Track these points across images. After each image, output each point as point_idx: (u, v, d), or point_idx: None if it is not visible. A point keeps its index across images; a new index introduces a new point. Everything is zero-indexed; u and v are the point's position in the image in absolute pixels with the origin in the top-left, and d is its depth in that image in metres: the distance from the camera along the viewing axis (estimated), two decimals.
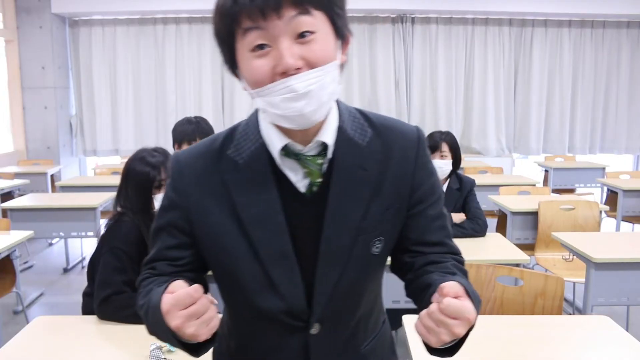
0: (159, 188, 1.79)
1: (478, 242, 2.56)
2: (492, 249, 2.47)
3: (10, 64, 6.22)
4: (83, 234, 3.66)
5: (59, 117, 6.35)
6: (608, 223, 4.84)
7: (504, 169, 5.43)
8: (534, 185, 4.18)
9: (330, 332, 0.90)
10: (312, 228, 0.85)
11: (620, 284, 2.34)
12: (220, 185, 0.85)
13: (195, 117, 2.62)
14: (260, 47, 0.74)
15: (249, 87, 0.79)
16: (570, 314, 3.28)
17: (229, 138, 0.89)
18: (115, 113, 6.57)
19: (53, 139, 6.33)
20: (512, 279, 1.96)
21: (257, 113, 0.88)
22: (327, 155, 0.85)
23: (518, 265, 2.18)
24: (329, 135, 0.84)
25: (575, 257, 2.51)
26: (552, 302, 1.79)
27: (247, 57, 0.76)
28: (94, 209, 3.56)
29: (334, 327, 0.90)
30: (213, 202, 0.86)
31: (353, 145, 0.86)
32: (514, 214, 3.35)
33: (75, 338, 1.52)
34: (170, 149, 2.58)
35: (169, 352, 1.40)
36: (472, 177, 2.93)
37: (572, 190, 5.46)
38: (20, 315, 3.28)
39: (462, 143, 5.74)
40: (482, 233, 2.62)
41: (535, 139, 6.72)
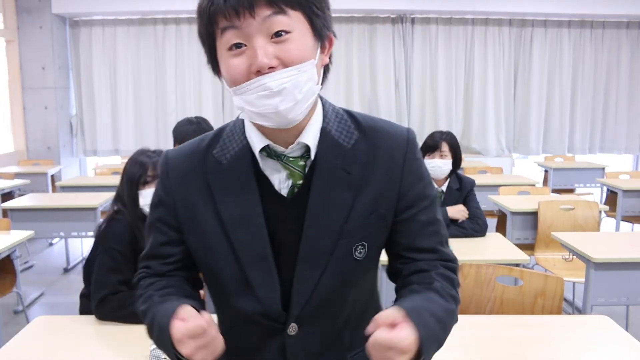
0: (145, 185, 1.81)
1: (478, 242, 2.57)
2: (492, 249, 2.47)
3: (11, 64, 6.22)
4: (83, 234, 3.67)
5: (59, 117, 6.35)
6: (608, 223, 4.84)
7: (504, 169, 5.44)
8: (534, 185, 4.18)
9: (309, 334, 0.89)
10: (293, 230, 0.85)
11: (620, 284, 2.34)
12: (205, 185, 0.86)
13: (196, 117, 2.61)
14: (237, 46, 0.76)
15: (228, 85, 0.80)
16: (570, 314, 3.28)
17: (216, 138, 0.90)
18: (116, 113, 6.57)
19: (53, 139, 6.33)
20: (512, 279, 1.97)
21: None
22: (309, 157, 0.85)
23: (518, 265, 2.18)
24: (311, 137, 0.84)
25: (575, 257, 2.51)
26: (552, 302, 1.79)
27: (224, 56, 0.78)
28: (94, 209, 3.57)
29: (313, 330, 0.89)
30: (198, 201, 0.87)
31: (337, 147, 0.85)
32: (514, 214, 3.35)
33: (76, 338, 1.52)
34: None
35: None
36: (472, 177, 2.93)
37: (571, 190, 5.46)
38: (21, 315, 3.29)
39: (462, 143, 5.72)
40: (482, 233, 2.62)
41: (535, 139, 6.72)
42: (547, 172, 5.56)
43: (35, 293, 3.73)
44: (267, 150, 0.84)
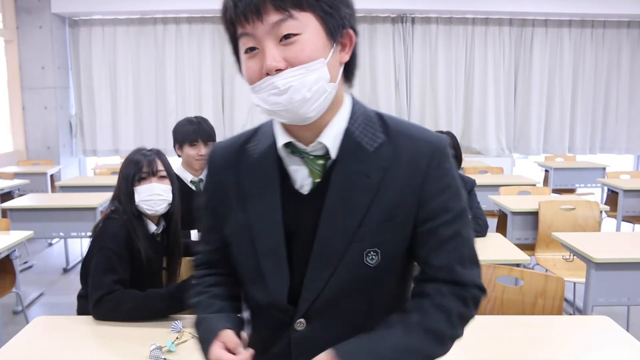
0: (140, 181, 1.81)
1: (478, 242, 2.51)
2: (492, 249, 2.47)
3: (10, 64, 6.22)
4: (83, 234, 3.67)
5: (59, 117, 6.34)
6: (608, 223, 4.84)
7: (504, 169, 5.43)
8: (534, 185, 4.17)
9: (317, 332, 0.89)
10: (309, 227, 0.86)
11: (621, 284, 2.34)
12: (237, 177, 0.92)
13: (196, 117, 2.61)
14: (251, 49, 0.82)
15: (248, 84, 0.86)
16: (571, 314, 3.28)
17: (254, 133, 0.96)
18: (115, 113, 6.56)
19: (53, 139, 6.32)
20: (512, 279, 1.96)
21: None
22: (330, 157, 0.86)
23: (518, 265, 2.18)
24: (330, 137, 0.86)
25: (576, 257, 2.51)
26: (552, 302, 1.79)
27: (242, 58, 0.85)
28: (94, 209, 3.56)
29: (322, 328, 0.89)
30: (231, 191, 0.93)
31: (359, 149, 0.85)
32: (514, 214, 3.35)
33: (75, 338, 1.52)
34: (171, 149, 2.59)
35: (169, 352, 1.40)
36: (472, 177, 2.92)
37: (572, 190, 5.46)
38: (20, 316, 3.28)
39: (462, 143, 5.72)
40: (482, 233, 2.62)
41: (536, 139, 6.72)
42: (547, 172, 5.55)
43: (35, 293, 3.73)
44: (291, 147, 0.88)
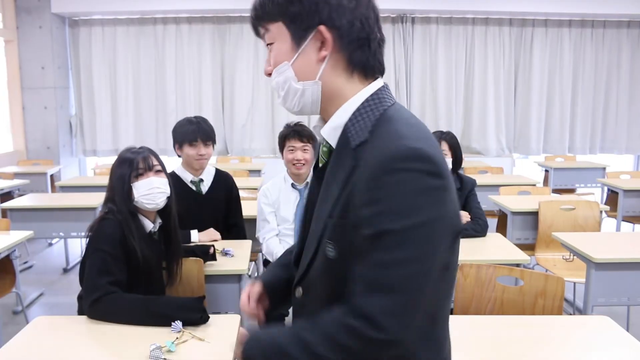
0: (137, 177, 1.82)
1: (478, 242, 2.56)
2: (492, 249, 2.47)
3: (10, 64, 6.22)
4: (83, 234, 3.60)
5: (59, 117, 6.34)
6: (608, 223, 4.84)
7: (504, 169, 5.43)
8: (534, 185, 4.17)
9: (309, 303, 0.94)
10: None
11: (621, 284, 2.34)
12: None
13: (196, 117, 2.61)
14: None
15: None
16: (571, 314, 3.27)
17: None
18: (115, 113, 6.56)
19: (53, 139, 6.32)
20: (512, 279, 1.96)
21: None
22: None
23: (518, 265, 2.18)
24: (327, 129, 0.90)
25: (576, 257, 2.51)
26: (552, 302, 1.79)
27: None
28: (94, 209, 3.56)
29: (312, 301, 0.93)
30: None
31: (346, 145, 0.87)
32: (514, 214, 3.35)
33: (75, 338, 1.52)
34: (171, 149, 2.59)
35: (169, 352, 1.40)
36: (472, 177, 2.92)
37: (572, 190, 5.46)
38: (20, 316, 3.28)
39: (462, 143, 5.70)
40: (482, 233, 2.62)
41: (536, 139, 6.72)
42: (547, 172, 5.55)
43: (35, 293, 3.73)
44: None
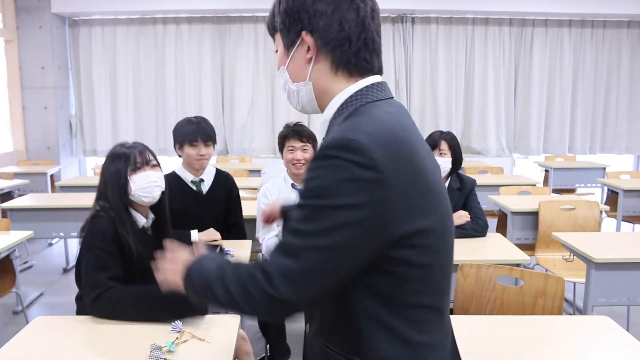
0: (135, 171, 1.83)
1: (478, 242, 2.56)
2: (492, 249, 2.47)
3: (10, 64, 6.22)
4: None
5: (59, 117, 6.34)
6: (608, 223, 4.84)
7: (504, 169, 5.44)
8: (534, 185, 4.17)
9: (311, 330, 1.00)
10: None
11: (621, 284, 2.34)
12: None
13: (196, 117, 2.61)
14: None
15: None
16: (571, 314, 3.28)
17: None
18: (115, 113, 6.56)
19: (53, 139, 6.32)
20: (512, 279, 1.96)
21: None
22: None
23: (518, 265, 2.18)
24: (318, 124, 0.99)
25: (576, 257, 2.51)
26: (552, 302, 1.79)
27: None
28: None
29: (310, 321, 1.00)
30: None
31: (325, 140, 0.92)
32: (514, 214, 3.35)
33: (75, 338, 1.51)
34: (171, 149, 2.59)
35: (169, 352, 1.40)
36: (472, 177, 2.92)
37: (572, 190, 5.46)
38: (20, 316, 3.28)
39: (462, 143, 5.71)
40: (483, 233, 2.62)
41: (536, 139, 6.72)
42: (547, 172, 5.56)
43: (35, 293, 3.73)
44: None
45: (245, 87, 6.47)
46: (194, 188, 2.60)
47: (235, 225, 2.71)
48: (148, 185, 1.82)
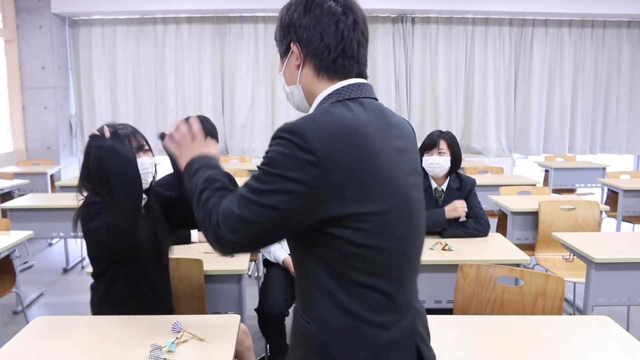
0: (138, 152, 1.84)
1: (478, 242, 2.56)
2: (492, 249, 2.47)
3: (10, 64, 6.22)
4: (82, 235, 3.65)
5: (59, 117, 6.34)
6: (608, 223, 4.84)
7: (504, 169, 5.43)
8: (534, 185, 4.17)
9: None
10: None
11: (621, 284, 2.34)
12: None
13: (197, 116, 2.61)
14: None
15: None
16: (571, 314, 3.28)
17: None
18: (115, 113, 6.56)
19: (53, 139, 6.32)
20: (512, 279, 1.96)
21: None
22: None
23: (518, 266, 2.18)
24: None
25: (576, 257, 2.51)
26: (552, 302, 1.79)
27: None
28: None
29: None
30: None
31: None
32: (514, 214, 3.35)
33: (75, 338, 1.52)
34: None
35: (169, 352, 1.40)
36: (472, 177, 2.92)
37: (572, 190, 5.46)
38: (20, 316, 3.28)
39: (462, 143, 5.73)
40: (484, 233, 2.62)
41: (536, 139, 6.72)
42: (547, 172, 5.55)
43: (35, 293, 3.73)
44: None
45: (245, 87, 6.47)
46: None
47: None
48: (143, 172, 1.81)
